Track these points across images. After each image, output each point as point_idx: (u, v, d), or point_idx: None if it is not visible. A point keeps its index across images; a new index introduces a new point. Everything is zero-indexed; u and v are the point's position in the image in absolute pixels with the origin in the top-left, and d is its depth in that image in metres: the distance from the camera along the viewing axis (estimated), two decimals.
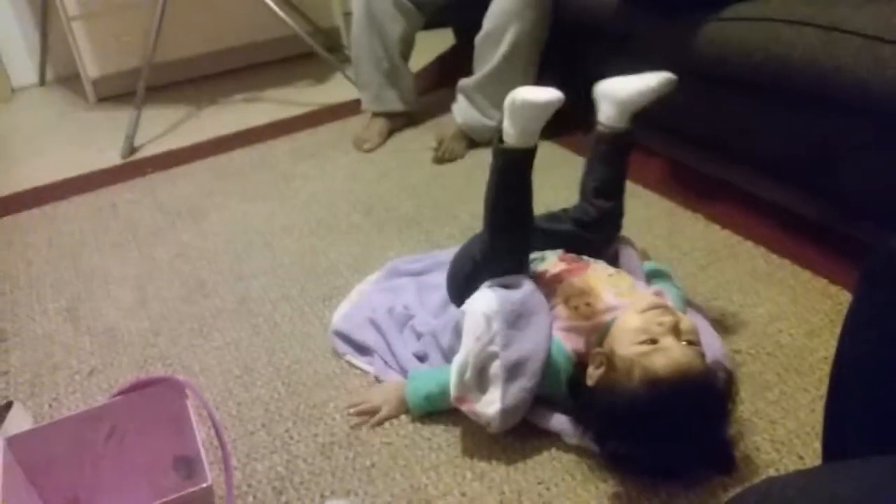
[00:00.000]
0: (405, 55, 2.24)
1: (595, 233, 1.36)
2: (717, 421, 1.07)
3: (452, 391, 1.13)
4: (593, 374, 1.10)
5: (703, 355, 1.08)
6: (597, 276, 1.23)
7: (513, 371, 1.11)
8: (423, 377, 1.24)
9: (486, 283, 1.20)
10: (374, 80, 2.23)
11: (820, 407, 1.15)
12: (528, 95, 1.09)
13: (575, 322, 1.17)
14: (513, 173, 1.17)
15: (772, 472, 1.07)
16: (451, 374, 1.13)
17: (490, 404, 1.11)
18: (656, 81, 1.27)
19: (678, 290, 1.33)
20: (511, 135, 1.13)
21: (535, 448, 1.15)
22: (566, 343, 1.16)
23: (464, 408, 1.14)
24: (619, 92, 1.28)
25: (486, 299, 1.15)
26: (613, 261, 1.41)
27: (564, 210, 1.39)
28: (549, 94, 1.09)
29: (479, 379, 1.12)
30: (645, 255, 1.49)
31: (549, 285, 1.23)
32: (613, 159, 1.34)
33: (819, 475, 0.75)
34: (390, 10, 2.14)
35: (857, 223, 1.52)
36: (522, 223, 1.22)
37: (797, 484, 0.69)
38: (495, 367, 1.11)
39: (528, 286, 1.19)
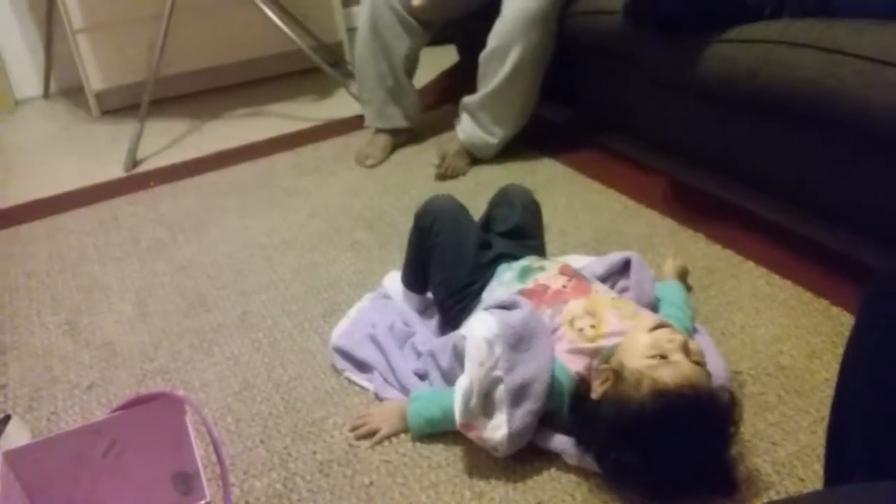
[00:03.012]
0: (409, 72, 2.25)
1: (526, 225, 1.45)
2: (719, 440, 1.07)
3: (458, 418, 1.11)
4: (598, 388, 1.10)
5: (709, 375, 1.09)
6: (600, 299, 1.23)
7: (518, 394, 1.11)
8: (425, 399, 1.23)
9: (484, 307, 1.20)
10: (378, 97, 2.24)
11: (821, 429, 1.15)
12: None
13: (580, 344, 1.17)
14: None
15: (772, 495, 1.07)
16: (456, 401, 1.12)
17: (497, 429, 1.11)
18: None
19: (686, 315, 1.33)
20: None
21: (535, 468, 1.14)
22: (569, 365, 1.16)
23: (470, 434, 1.13)
24: None
25: (486, 323, 1.15)
26: (621, 272, 1.41)
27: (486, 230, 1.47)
28: None
29: (485, 404, 1.11)
30: (683, 275, 1.49)
31: (552, 304, 1.23)
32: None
33: (821, 499, 0.75)
34: (396, 28, 2.15)
35: (860, 244, 1.52)
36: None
37: None
38: (500, 392, 1.11)
39: (526, 307, 1.19)
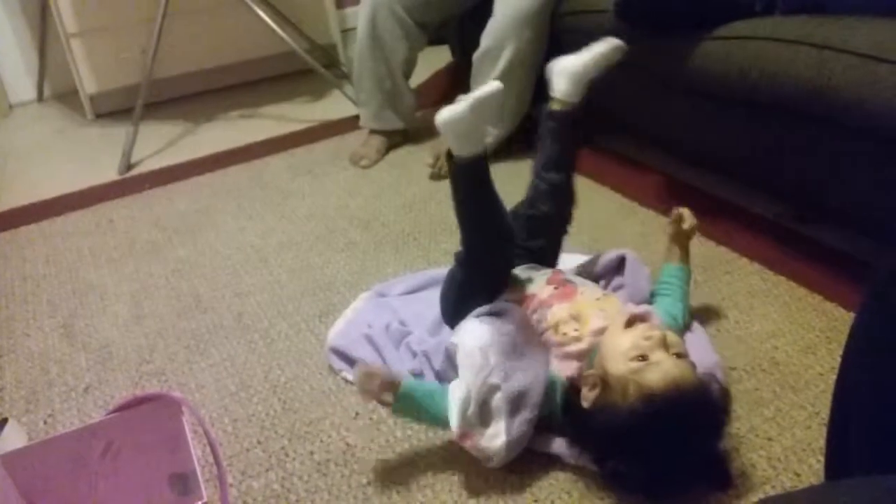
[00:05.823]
0: (407, 75, 2.26)
1: (546, 205, 1.37)
2: (713, 431, 1.07)
3: (455, 428, 1.10)
4: (588, 395, 1.09)
5: (693, 366, 1.09)
6: (585, 300, 1.23)
7: (515, 403, 1.10)
8: (419, 388, 1.19)
9: (474, 314, 1.19)
10: (375, 99, 2.24)
11: (816, 424, 1.15)
12: (447, 114, 1.13)
13: (566, 349, 1.17)
14: (472, 183, 1.20)
15: (768, 490, 1.07)
16: (452, 410, 1.10)
17: (495, 437, 1.10)
18: (604, 48, 1.35)
19: (678, 308, 1.33)
20: (457, 147, 1.17)
21: (532, 466, 1.14)
22: (561, 371, 1.16)
23: (467, 444, 1.11)
24: (572, 65, 1.36)
25: (477, 332, 1.14)
26: (616, 270, 1.40)
27: (520, 202, 1.41)
28: (464, 104, 1.13)
29: (481, 413, 1.11)
30: (687, 236, 1.44)
31: (538, 311, 1.23)
32: (563, 134, 1.38)
33: (819, 493, 0.75)
34: (396, 32, 2.15)
35: (853, 240, 1.53)
36: (496, 233, 1.23)
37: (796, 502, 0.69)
38: (497, 400, 1.10)
39: (517, 314, 1.19)
